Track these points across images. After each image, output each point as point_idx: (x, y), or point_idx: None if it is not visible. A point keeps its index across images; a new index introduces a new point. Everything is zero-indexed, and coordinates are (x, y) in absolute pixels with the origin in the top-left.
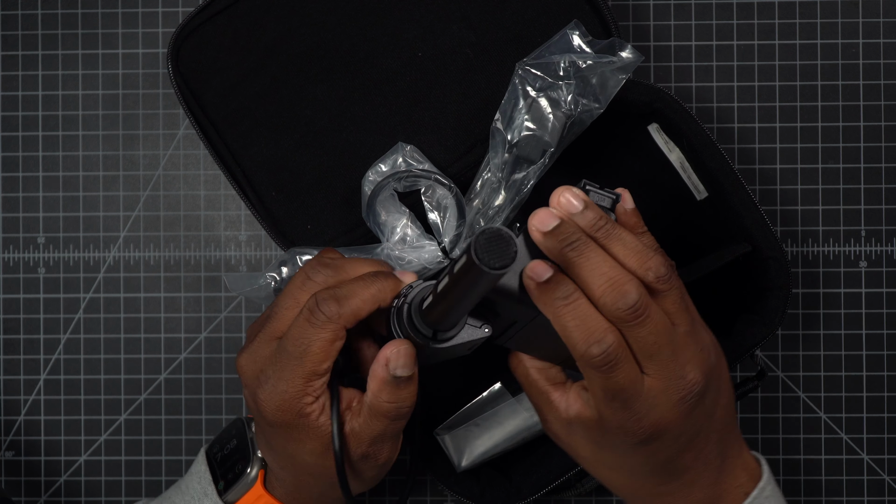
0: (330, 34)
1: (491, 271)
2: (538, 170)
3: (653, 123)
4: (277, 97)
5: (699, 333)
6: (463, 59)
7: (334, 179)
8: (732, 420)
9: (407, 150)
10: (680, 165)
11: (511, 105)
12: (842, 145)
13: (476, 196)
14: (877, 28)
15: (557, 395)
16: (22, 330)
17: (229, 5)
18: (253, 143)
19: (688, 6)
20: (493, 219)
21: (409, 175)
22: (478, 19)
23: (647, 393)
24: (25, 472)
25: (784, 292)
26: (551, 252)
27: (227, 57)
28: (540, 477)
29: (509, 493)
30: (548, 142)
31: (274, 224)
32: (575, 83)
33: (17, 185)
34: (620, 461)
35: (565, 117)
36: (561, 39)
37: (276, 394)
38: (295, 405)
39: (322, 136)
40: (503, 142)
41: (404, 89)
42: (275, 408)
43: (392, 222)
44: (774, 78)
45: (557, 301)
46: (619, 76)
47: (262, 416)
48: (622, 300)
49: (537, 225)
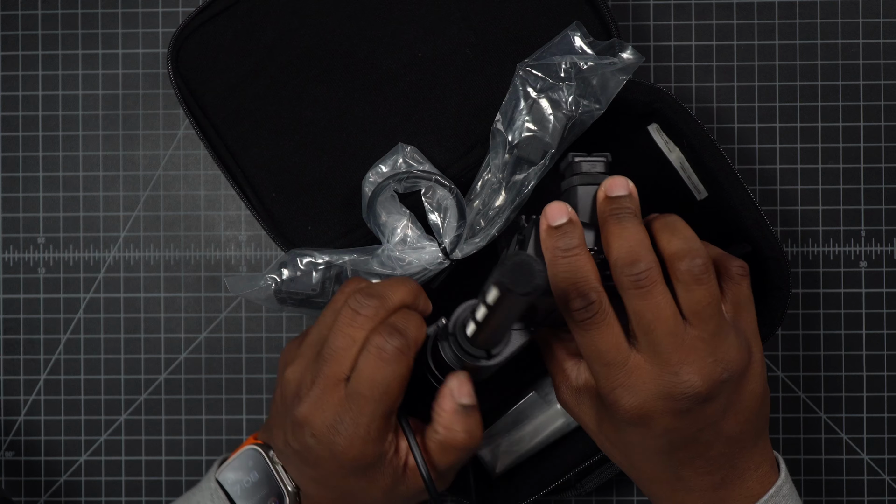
0: (330, 35)
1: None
2: (539, 171)
3: (653, 123)
4: (277, 98)
5: (721, 346)
6: (463, 59)
7: (334, 180)
8: (753, 437)
9: (407, 150)
10: (680, 165)
11: (512, 106)
12: (842, 145)
13: (476, 197)
14: (877, 28)
15: (570, 364)
16: (22, 330)
17: (229, 6)
18: (253, 143)
19: (688, 6)
20: (493, 220)
21: (410, 176)
22: (478, 20)
23: (632, 367)
24: (25, 472)
25: (784, 293)
26: (599, 215)
27: (227, 58)
28: (539, 478)
29: (508, 493)
30: (549, 143)
31: (274, 225)
32: (576, 84)
33: (17, 185)
34: (617, 437)
35: (566, 118)
36: (562, 40)
37: (357, 439)
38: (378, 447)
39: (322, 137)
40: (504, 143)
41: (404, 90)
42: (358, 453)
43: (392, 223)
44: (774, 78)
45: (558, 250)
46: (620, 77)
47: (338, 462)
48: (629, 266)
49: (607, 188)
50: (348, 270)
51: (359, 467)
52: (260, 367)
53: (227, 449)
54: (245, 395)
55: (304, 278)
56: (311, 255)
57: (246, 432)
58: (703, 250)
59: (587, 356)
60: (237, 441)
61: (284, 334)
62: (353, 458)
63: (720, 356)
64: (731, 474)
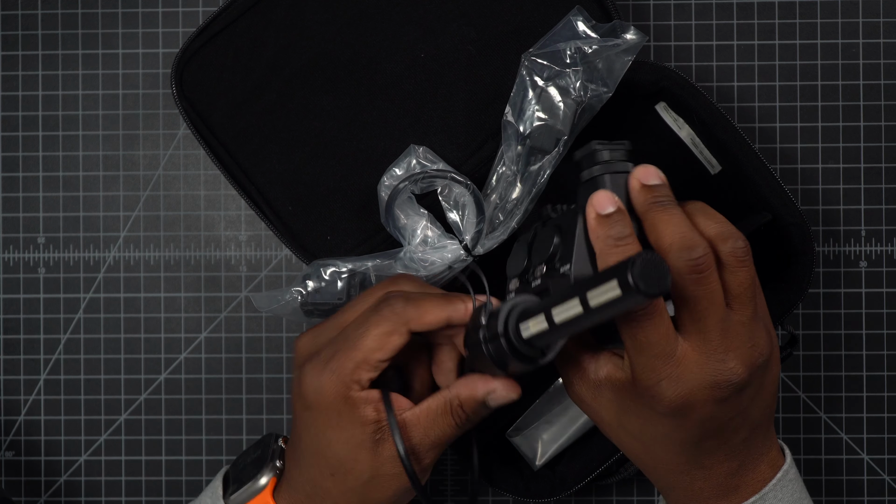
0: (330, 44)
1: (650, 298)
2: (553, 159)
3: (660, 102)
4: (284, 112)
5: (757, 330)
6: (465, 56)
7: (349, 188)
8: (768, 421)
9: (419, 151)
10: (691, 141)
11: (520, 97)
12: (842, 145)
13: (493, 191)
14: (877, 28)
15: (587, 357)
16: (22, 330)
17: (227, 25)
18: (264, 159)
19: (688, 6)
20: (511, 213)
21: (426, 176)
22: (476, 15)
23: (680, 358)
24: (25, 472)
25: (808, 257)
26: (639, 205)
27: (230, 77)
28: (583, 465)
29: (554, 484)
30: (560, 130)
31: (293, 238)
32: (582, 69)
33: (17, 185)
34: (642, 429)
35: (575, 104)
36: (565, 27)
37: (322, 374)
38: (339, 389)
39: (333, 146)
40: (515, 134)
41: (410, 92)
42: (316, 388)
43: (412, 225)
44: (774, 78)
45: (610, 239)
46: (626, 58)
47: (301, 396)
48: (687, 252)
49: (641, 177)
50: (372, 276)
51: (318, 406)
52: (260, 367)
53: (227, 449)
54: (245, 395)
55: (329, 288)
56: (334, 265)
57: (246, 432)
58: (740, 233)
59: (636, 348)
60: (237, 441)
61: (284, 334)
62: (312, 392)
63: (756, 341)
64: (748, 460)
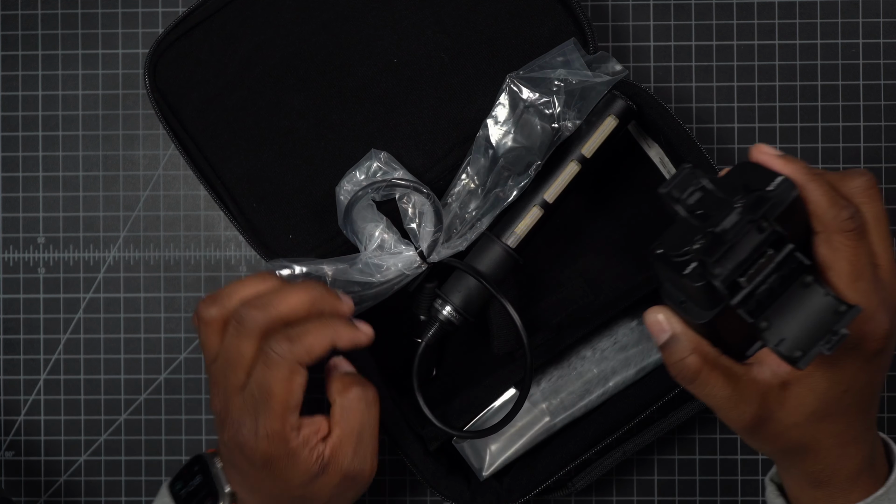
0: (305, 45)
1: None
2: (522, 182)
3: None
4: (255, 109)
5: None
6: (438, 63)
7: (313, 188)
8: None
9: (381, 156)
10: (659, 160)
11: (499, 117)
12: (842, 145)
13: (454, 200)
14: (877, 28)
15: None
16: (22, 330)
17: (204, 20)
18: (232, 155)
19: (688, 6)
20: (470, 223)
21: (388, 185)
22: (451, 23)
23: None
24: (25, 472)
25: None
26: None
27: (204, 71)
28: (530, 478)
29: (500, 495)
30: (535, 156)
31: (255, 235)
32: (564, 97)
33: (17, 185)
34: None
35: (553, 132)
36: (555, 55)
37: (259, 438)
38: (281, 445)
39: (300, 146)
40: (487, 150)
41: (380, 96)
42: (264, 452)
43: (369, 230)
44: (774, 78)
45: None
46: (602, 89)
47: (248, 460)
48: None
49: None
50: (328, 279)
51: (267, 463)
52: None
53: None
54: None
55: None
56: (289, 267)
57: None
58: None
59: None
60: None
61: None
62: (261, 455)
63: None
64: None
